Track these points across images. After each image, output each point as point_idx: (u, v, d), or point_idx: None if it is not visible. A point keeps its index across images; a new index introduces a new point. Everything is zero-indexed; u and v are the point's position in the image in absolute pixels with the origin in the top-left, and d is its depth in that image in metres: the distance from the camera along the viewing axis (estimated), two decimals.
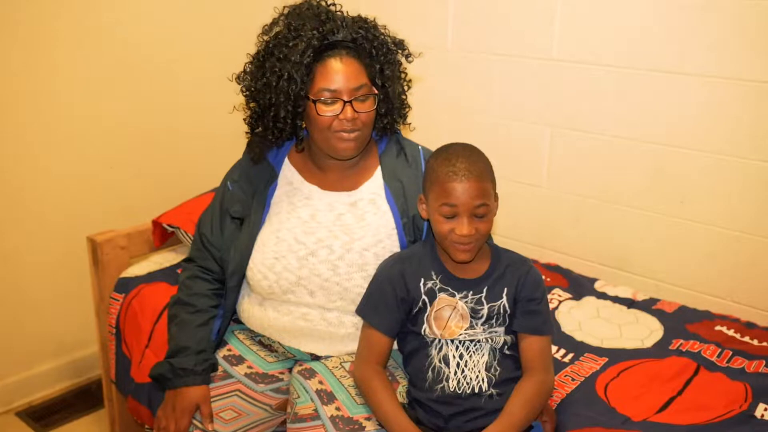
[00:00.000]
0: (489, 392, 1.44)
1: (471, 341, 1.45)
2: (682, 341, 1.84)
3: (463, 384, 1.44)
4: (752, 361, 1.74)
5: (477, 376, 1.44)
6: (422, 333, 1.48)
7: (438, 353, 1.46)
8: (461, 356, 1.45)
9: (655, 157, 2.12)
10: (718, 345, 1.81)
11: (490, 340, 1.45)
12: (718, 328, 1.92)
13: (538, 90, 2.32)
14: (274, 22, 1.60)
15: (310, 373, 1.56)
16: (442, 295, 1.47)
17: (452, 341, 1.46)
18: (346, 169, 1.65)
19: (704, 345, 1.81)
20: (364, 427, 1.46)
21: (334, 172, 1.65)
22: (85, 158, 2.51)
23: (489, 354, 1.45)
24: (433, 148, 1.76)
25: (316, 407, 1.49)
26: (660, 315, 1.98)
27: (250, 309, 1.68)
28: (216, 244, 1.70)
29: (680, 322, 1.94)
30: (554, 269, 2.27)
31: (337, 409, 1.48)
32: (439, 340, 1.46)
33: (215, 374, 1.64)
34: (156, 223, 2.21)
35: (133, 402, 2.01)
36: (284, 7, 1.62)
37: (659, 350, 1.80)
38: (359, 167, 1.66)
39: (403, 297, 1.48)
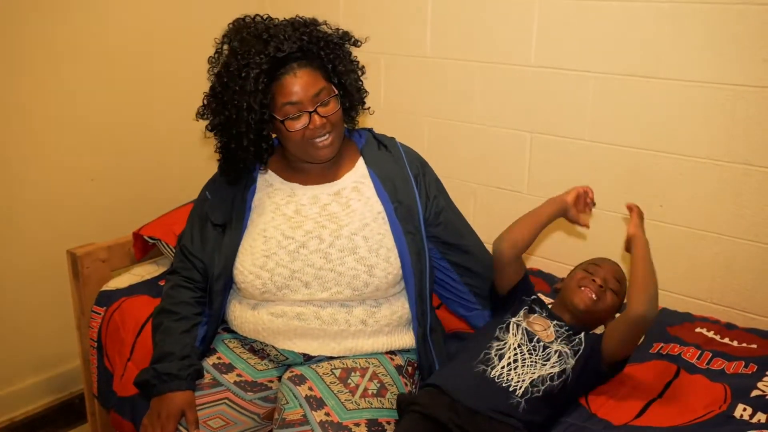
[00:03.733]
0: (518, 400, 1.48)
1: (537, 346, 1.58)
2: (662, 344, 1.85)
3: (503, 377, 1.52)
4: (732, 362, 1.75)
5: (519, 381, 1.51)
6: (509, 316, 1.65)
7: (497, 350, 1.58)
8: (515, 360, 1.55)
9: (633, 161, 2.15)
10: (697, 347, 1.82)
11: (552, 363, 1.55)
12: (698, 330, 1.93)
13: (517, 96, 2.34)
14: (218, 52, 1.61)
15: (300, 380, 1.57)
16: (539, 317, 1.67)
17: (518, 346, 1.58)
18: (326, 166, 1.69)
19: (684, 347, 1.82)
20: None
21: (313, 169, 1.69)
22: (65, 171, 2.49)
23: (538, 377, 1.52)
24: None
25: (305, 413, 1.49)
26: None
27: (242, 315, 1.69)
28: (198, 254, 1.71)
29: (661, 325, 1.95)
30: (536, 274, 2.29)
31: (327, 414, 1.49)
32: (505, 343, 1.60)
33: (204, 382, 1.64)
34: (137, 236, 2.20)
35: (116, 416, 2.00)
36: (223, 36, 1.62)
37: (640, 354, 1.80)
38: (339, 160, 1.70)
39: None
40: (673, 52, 2.02)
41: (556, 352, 1.57)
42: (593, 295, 1.66)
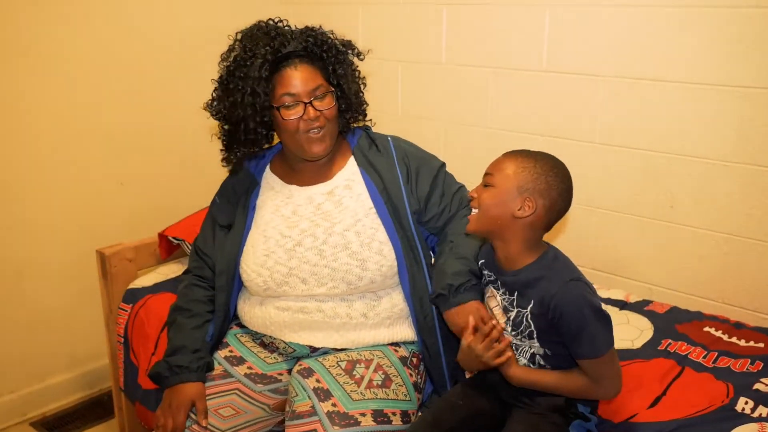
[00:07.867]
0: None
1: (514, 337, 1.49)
2: (671, 341, 1.86)
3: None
4: (737, 360, 1.76)
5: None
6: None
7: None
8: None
9: (644, 164, 2.17)
10: (704, 347, 1.83)
11: (520, 348, 1.48)
12: (706, 329, 1.94)
13: (530, 100, 2.38)
14: (231, 49, 1.72)
15: (308, 372, 1.63)
16: (491, 288, 1.55)
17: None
18: (320, 165, 1.77)
19: (691, 347, 1.83)
20: (360, 422, 1.52)
21: (309, 169, 1.78)
22: (95, 176, 2.60)
23: (527, 360, 1.49)
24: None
25: (314, 404, 1.55)
26: (651, 316, 2.02)
27: (251, 311, 1.77)
28: (209, 253, 1.83)
29: (670, 322, 1.97)
30: None
31: (333, 405, 1.54)
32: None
33: (215, 373, 1.71)
34: (162, 236, 2.29)
35: (141, 408, 2.08)
36: (236, 33, 1.73)
37: (647, 350, 1.82)
38: (332, 160, 1.79)
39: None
40: (681, 56, 2.04)
41: (515, 345, 1.48)
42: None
